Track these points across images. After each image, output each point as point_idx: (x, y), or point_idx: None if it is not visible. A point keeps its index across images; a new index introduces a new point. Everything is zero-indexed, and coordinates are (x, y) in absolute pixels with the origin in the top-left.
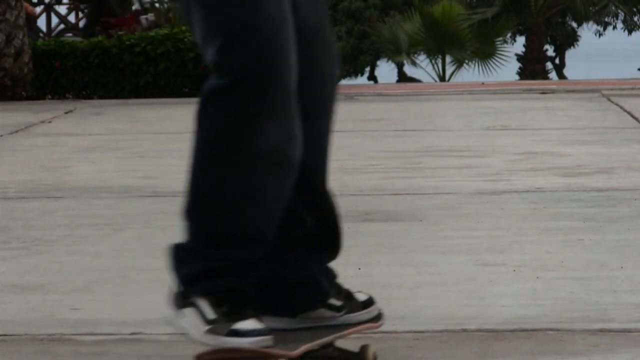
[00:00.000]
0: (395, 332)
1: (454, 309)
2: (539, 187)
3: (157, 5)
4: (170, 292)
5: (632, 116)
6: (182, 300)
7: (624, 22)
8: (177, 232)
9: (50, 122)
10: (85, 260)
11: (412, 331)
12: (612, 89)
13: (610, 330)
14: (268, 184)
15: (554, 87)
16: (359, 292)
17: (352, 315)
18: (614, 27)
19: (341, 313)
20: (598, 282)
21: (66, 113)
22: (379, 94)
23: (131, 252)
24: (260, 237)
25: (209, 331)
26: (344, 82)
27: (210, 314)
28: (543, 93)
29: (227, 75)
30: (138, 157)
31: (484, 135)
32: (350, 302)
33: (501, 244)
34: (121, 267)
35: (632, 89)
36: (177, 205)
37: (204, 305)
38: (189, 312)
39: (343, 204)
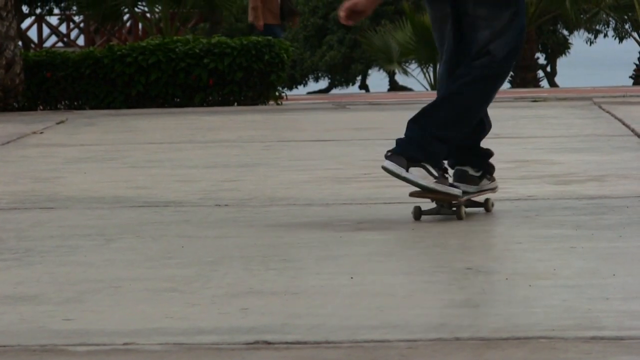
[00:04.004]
0: (388, 340)
1: (447, 318)
2: (531, 195)
3: (148, 15)
4: (394, 157)
5: (624, 124)
6: (409, 163)
7: (614, 29)
8: (168, 241)
9: (42, 132)
10: (78, 271)
11: (405, 340)
12: (603, 97)
13: (602, 338)
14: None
15: (545, 95)
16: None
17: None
18: (605, 35)
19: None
20: (590, 290)
21: (58, 124)
22: (371, 103)
23: (123, 262)
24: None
25: (437, 182)
26: (335, 91)
27: (435, 173)
28: (534, 101)
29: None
30: (130, 167)
31: None
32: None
33: (493, 252)
34: (113, 278)
35: (624, 96)
36: (169, 214)
37: (431, 168)
38: (416, 170)
39: (335, 213)
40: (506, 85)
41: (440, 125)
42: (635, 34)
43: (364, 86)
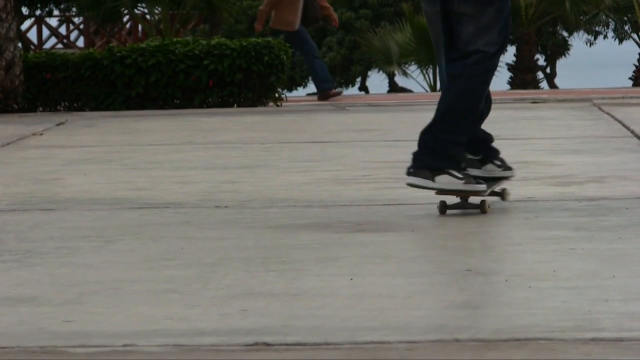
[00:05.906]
0: (387, 342)
1: (446, 319)
2: (531, 197)
3: (147, 16)
4: (418, 172)
5: (623, 125)
6: (433, 173)
7: (614, 31)
8: (168, 243)
9: (41, 134)
10: (77, 272)
11: (405, 341)
12: (603, 98)
13: (602, 340)
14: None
15: (545, 96)
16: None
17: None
18: (605, 37)
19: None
20: (590, 291)
21: (58, 125)
22: (370, 105)
23: (123, 263)
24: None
25: (464, 183)
26: None
27: (460, 175)
28: (534, 102)
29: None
30: (129, 169)
31: None
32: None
33: (493, 254)
34: (113, 279)
35: (623, 97)
36: (168, 216)
37: (455, 172)
38: (441, 177)
39: (335, 215)
40: (506, 86)
41: (451, 129)
42: (635, 36)
43: (363, 88)
